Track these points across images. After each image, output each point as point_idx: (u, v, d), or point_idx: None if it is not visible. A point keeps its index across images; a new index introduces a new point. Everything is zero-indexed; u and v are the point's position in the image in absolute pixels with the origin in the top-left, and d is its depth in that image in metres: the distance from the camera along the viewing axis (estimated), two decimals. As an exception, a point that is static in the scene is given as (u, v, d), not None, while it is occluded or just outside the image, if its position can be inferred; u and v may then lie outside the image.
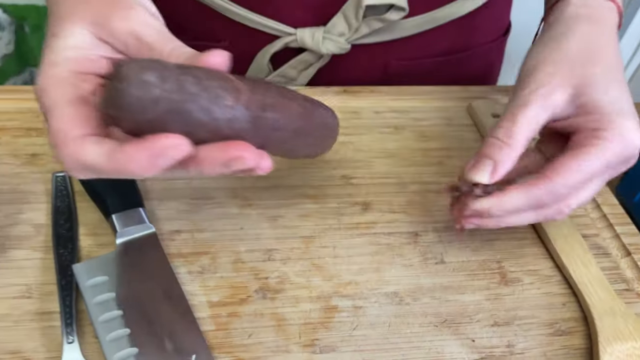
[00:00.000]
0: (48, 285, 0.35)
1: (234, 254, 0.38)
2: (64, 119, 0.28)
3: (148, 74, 0.25)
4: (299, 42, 0.50)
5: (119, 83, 0.25)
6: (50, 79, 0.29)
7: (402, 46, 0.52)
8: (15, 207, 0.39)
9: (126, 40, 0.30)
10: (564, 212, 0.35)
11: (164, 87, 0.25)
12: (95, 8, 0.31)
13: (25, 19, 1.09)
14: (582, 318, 0.37)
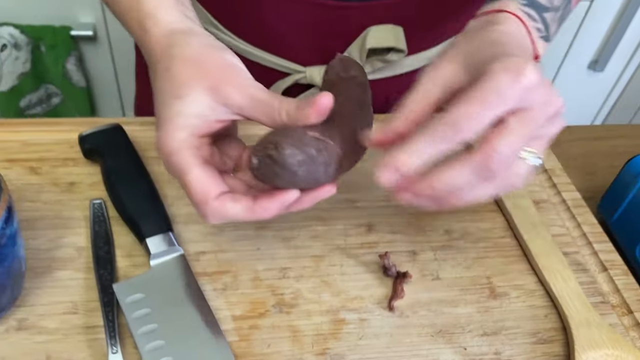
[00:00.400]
0: (92, 302, 0.40)
1: (253, 272, 0.43)
2: (202, 181, 0.35)
3: (297, 152, 0.33)
4: (308, 79, 0.55)
5: (280, 157, 0.33)
6: (180, 143, 0.35)
7: (402, 80, 0.58)
8: (59, 232, 0.44)
9: (241, 103, 0.35)
10: (493, 156, 0.32)
11: (304, 159, 0.33)
12: (212, 73, 0.35)
13: (41, 38, 1.14)
14: (561, 328, 0.42)
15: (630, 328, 0.43)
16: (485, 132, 0.32)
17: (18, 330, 0.38)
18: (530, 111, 0.32)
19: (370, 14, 0.52)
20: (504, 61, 0.33)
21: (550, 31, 0.42)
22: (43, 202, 0.46)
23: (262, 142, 0.34)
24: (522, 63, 0.32)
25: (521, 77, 0.32)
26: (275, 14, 0.53)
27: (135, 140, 0.51)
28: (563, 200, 0.52)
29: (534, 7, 0.41)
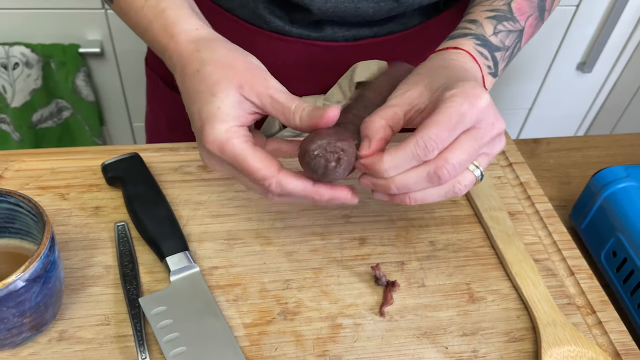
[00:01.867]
0: (121, 314, 0.46)
1: (260, 284, 0.49)
2: (262, 159, 0.40)
3: (334, 155, 0.40)
4: None
5: (314, 152, 0.40)
6: (229, 133, 0.40)
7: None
8: (88, 252, 0.50)
9: (263, 100, 0.41)
10: (444, 166, 0.38)
11: (339, 161, 0.40)
12: (240, 74, 0.41)
13: (51, 56, 1.19)
14: (531, 328, 0.48)
15: (593, 326, 0.49)
16: None
17: (59, 340, 0.44)
18: (479, 130, 0.39)
19: (357, 51, 0.57)
20: (462, 86, 0.39)
21: (499, 68, 0.48)
22: (73, 225, 0.52)
23: (320, 141, 0.40)
24: (477, 87, 0.39)
25: (478, 101, 0.38)
26: (269, 51, 0.58)
27: (150, 166, 0.57)
28: (536, 211, 0.57)
29: (487, 47, 0.48)
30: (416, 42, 0.60)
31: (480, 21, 0.49)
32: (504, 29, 0.49)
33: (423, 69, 0.45)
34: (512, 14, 0.50)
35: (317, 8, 0.53)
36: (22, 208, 0.42)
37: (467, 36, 0.48)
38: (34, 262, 0.38)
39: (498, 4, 0.50)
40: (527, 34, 0.51)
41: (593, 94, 1.55)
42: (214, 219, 0.54)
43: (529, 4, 0.51)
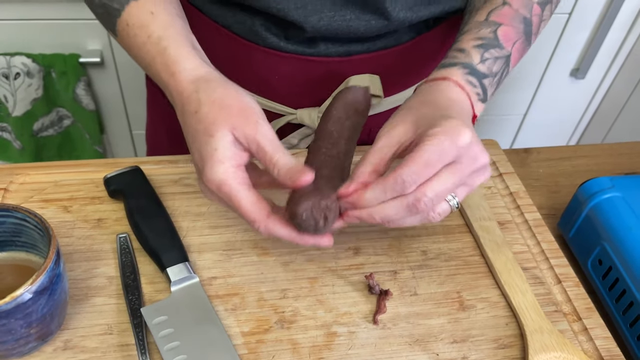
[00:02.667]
0: (124, 324, 0.48)
1: (258, 294, 0.51)
2: (253, 203, 0.43)
3: (321, 214, 0.44)
4: (298, 120, 0.62)
5: (303, 216, 0.43)
6: (225, 174, 0.43)
7: (383, 117, 0.65)
8: (92, 264, 0.52)
9: (251, 145, 0.43)
10: (421, 200, 0.40)
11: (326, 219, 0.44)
12: (234, 115, 0.44)
13: (52, 66, 1.21)
14: (519, 334, 0.50)
15: (579, 333, 0.51)
16: None
17: (64, 350, 0.46)
18: (459, 164, 0.41)
19: (351, 65, 0.59)
20: (444, 125, 0.41)
21: (488, 94, 0.51)
22: (76, 237, 0.54)
23: (306, 204, 0.43)
24: (459, 126, 0.41)
25: (459, 138, 0.41)
26: (265, 66, 0.60)
27: (151, 178, 0.59)
28: (525, 221, 0.59)
29: (475, 75, 0.50)
30: (407, 57, 0.62)
31: (468, 49, 0.51)
32: (491, 56, 0.51)
33: (411, 103, 0.48)
34: (498, 41, 0.52)
35: (310, 26, 0.55)
36: (29, 222, 0.44)
37: (456, 65, 0.50)
38: (40, 275, 0.40)
39: (485, 32, 0.52)
40: (514, 58, 0.53)
41: (587, 100, 1.57)
42: (212, 230, 0.56)
43: (515, 30, 0.53)
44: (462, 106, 0.47)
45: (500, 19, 0.52)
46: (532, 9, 0.54)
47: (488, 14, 0.53)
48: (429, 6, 0.57)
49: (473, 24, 0.53)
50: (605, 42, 1.42)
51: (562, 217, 0.62)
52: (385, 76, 0.61)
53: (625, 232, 0.53)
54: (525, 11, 0.53)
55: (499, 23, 0.52)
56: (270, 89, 0.62)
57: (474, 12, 0.55)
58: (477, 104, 0.49)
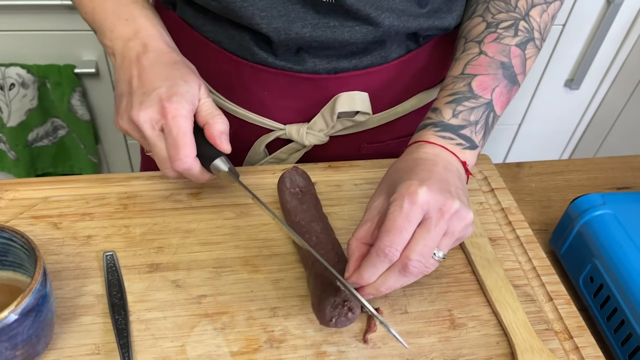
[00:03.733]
0: (110, 344, 0.47)
1: (247, 312, 0.50)
2: (192, 145, 0.50)
3: (340, 309, 0.47)
4: (287, 135, 0.62)
5: (336, 323, 0.47)
6: (188, 112, 0.50)
7: (371, 133, 0.65)
8: (80, 282, 0.51)
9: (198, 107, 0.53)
10: (408, 264, 0.43)
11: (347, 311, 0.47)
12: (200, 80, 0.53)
13: (47, 77, 1.21)
14: (510, 353, 0.49)
15: (570, 352, 0.50)
16: None
17: (51, 370, 0.45)
18: (430, 220, 0.44)
19: (339, 83, 0.59)
20: (399, 189, 0.44)
21: (475, 140, 0.52)
22: (65, 254, 0.53)
23: (329, 313, 0.46)
24: (412, 185, 0.44)
25: (415, 197, 0.43)
26: (256, 82, 0.60)
27: (142, 194, 0.59)
28: (517, 237, 0.59)
29: (448, 130, 0.52)
30: (396, 75, 0.62)
31: (440, 108, 0.53)
32: (465, 108, 0.52)
33: (387, 175, 0.51)
34: (472, 93, 0.53)
35: (294, 33, 0.55)
36: (15, 242, 0.44)
37: (427, 127, 0.52)
38: (26, 297, 0.39)
39: (458, 86, 0.53)
40: (499, 102, 0.54)
41: (581, 110, 1.58)
42: (202, 246, 0.55)
43: (491, 77, 0.53)
44: (433, 159, 0.49)
45: (475, 69, 0.54)
46: (510, 52, 0.55)
47: (464, 67, 0.55)
48: (418, 18, 0.57)
49: (449, 79, 0.55)
50: (599, 53, 1.42)
51: (554, 233, 0.62)
52: (374, 94, 0.61)
53: (616, 249, 0.53)
54: (502, 56, 0.54)
55: (473, 75, 0.54)
56: (260, 104, 0.62)
57: (453, 63, 0.57)
58: (464, 152, 0.51)
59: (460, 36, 0.59)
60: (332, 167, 0.65)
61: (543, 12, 0.57)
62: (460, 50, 0.57)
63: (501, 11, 0.57)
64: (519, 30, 0.56)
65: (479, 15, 0.58)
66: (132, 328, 0.48)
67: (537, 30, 0.57)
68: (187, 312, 0.50)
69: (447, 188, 0.45)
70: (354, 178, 0.64)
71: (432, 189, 0.44)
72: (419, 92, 0.65)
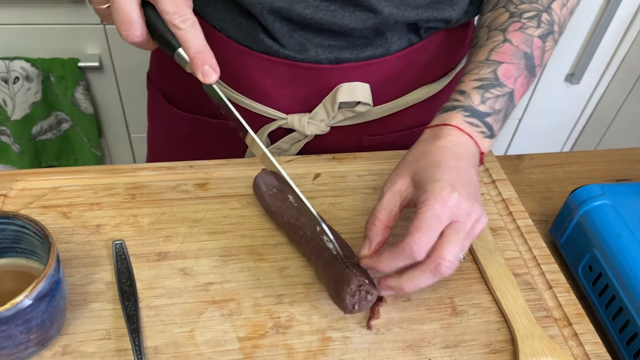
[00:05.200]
0: (121, 329, 0.48)
1: (254, 299, 0.52)
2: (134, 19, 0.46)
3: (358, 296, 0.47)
4: (289, 125, 0.64)
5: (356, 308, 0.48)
6: None
7: (372, 125, 0.66)
8: (90, 269, 0.52)
9: None
10: (442, 264, 0.44)
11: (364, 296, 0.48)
12: None
13: (51, 70, 1.22)
14: (510, 340, 0.51)
15: (569, 338, 0.51)
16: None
17: (63, 355, 0.46)
18: (459, 222, 0.45)
19: (341, 73, 0.61)
20: (432, 189, 0.45)
21: (494, 129, 0.53)
22: (75, 243, 0.54)
23: (348, 300, 0.47)
24: (445, 188, 0.45)
25: (447, 201, 0.45)
26: (259, 71, 0.62)
27: (149, 184, 0.60)
28: (517, 227, 0.60)
29: (476, 116, 0.52)
30: (396, 67, 0.63)
31: (468, 92, 0.53)
32: (492, 95, 0.53)
33: (410, 156, 0.51)
34: (498, 80, 0.53)
35: (296, 14, 0.56)
36: (29, 230, 0.45)
37: (456, 109, 0.52)
38: (40, 282, 0.41)
39: (485, 71, 0.54)
40: (518, 92, 0.55)
41: (581, 105, 1.59)
42: (209, 236, 0.56)
43: (516, 66, 0.54)
44: (459, 151, 0.49)
45: (501, 57, 0.54)
46: (533, 43, 0.55)
47: (489, 53, 0.55)
48: (417, 9, 0.58)
49: (474, 64, 0.55)
50: (599, 47, 1.43)
51: (554, 223, 0.63)
52: (375, 86, 0.62)
53: (614, 239, 0.54)
54: (525, 46, 0.54)
55: (499, 62, 0.54)
56: (263, 93, 0.63)
57: (477, 49, 0.56)
58: (484, 141, 0.52)
59: (483, 25, 0.59)
60: (336, 159, 0.66)
61: (563, 5, 0.58)
62: (484, 38, 0.57)
63: (524, 2, 0.57)
64: (541, 22, 0.56)
65: (502, 6, 0.58)
66: (141, 314, 0.49)
67: (557, 24, 0.57)
68: (195, 299, 0.51)
69: (473, 192, 0.47)
70: (357, 169, 0.65)
71: (462, 194, 0.45)
72: (420, 87, 0.66)
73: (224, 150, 0.67)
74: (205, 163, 0.64)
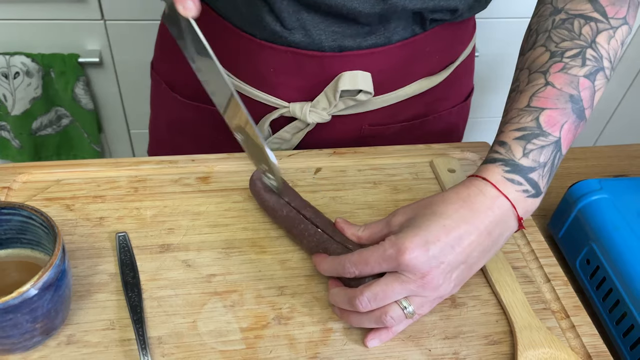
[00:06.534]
0: (125, 320, 0.49)
1: (256, 291, 0.52)
2: None
3: None
4: (291, 113, 0.64)
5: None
6: None
7: (373, 115, 0.67)
8: (94, 261, 0.53)
9: None
10: (359, 300, 0.45)
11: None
12: None
13: (51, 66, 1.22)
14: (509, 331, 0.51)
15: (567, 330, 0.52)
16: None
17: (67, 344, 0.47)
18: (404, 276, 0.45)
19: (343, 61, 0.61)
20: (406, 234, 0.45)
21: (541, 187, 0.48)
22: (79, 235, 0.55)
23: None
24: (414, 241, 0.44)
25: (404, 253, 0.44)
26: (262, 59, 0.62)
27: (151, 178, 0.60)
28: (516, 221, 0.61)
29: (518, 172, 0.47)
30: (399, 56, 0.63)
31: (509, 143, 0.48)
32: (535, 147, 0.48)
33: (430, 197, 0.49)
34: (541, 129, 0.48)
35: None
36: (34, 220, 0.45)
37: (496, 162, 0.48)
38: (46, 272, 0.41)
39: (526, 119, 0.49)
40: (566, 140, 0.49)
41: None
42: (212, 228, 0.57)
43: (560, 112, 0.49)
44: (477, 214, 0.46)
45: (543, 102, 0.49)
46: (579, 84, 0.49)
47: (530, 99, 0.50)
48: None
49: (514, 112, 0.50)
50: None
51: (552, 218, 0.63)
52: (377, 75, 0.63)
53: (612, 232, 0.55)
54: (570, 89, 0.49)
55: (541, 108, 0.49)
56: (265, 81, 0.64)
57: (517, 95, 0.52)
58: (526, 202, 0.47)
59: (523, 68, 0.54)
60: (336, 154, 0.66)
61: (610, 38, 0.51)
62: (524, 82, 0.52)
63: (565, 39, 0.52)
64: (586, 59, 0.50)
65: (541, 45, 0.53)
66: (145, 305, 0.50)
67: (607, 59, 0.51)
68: (197, 290, 0.51)
69: (447, 259, 0.45)
70: (358, 164, 0.66)
71: (425, 255, 0.44)
72: (421, 78, 0.67)
73: (227, 139, 0.68)
74: (207, 157, 0.64)
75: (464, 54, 0.71)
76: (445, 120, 0.73)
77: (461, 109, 0.76)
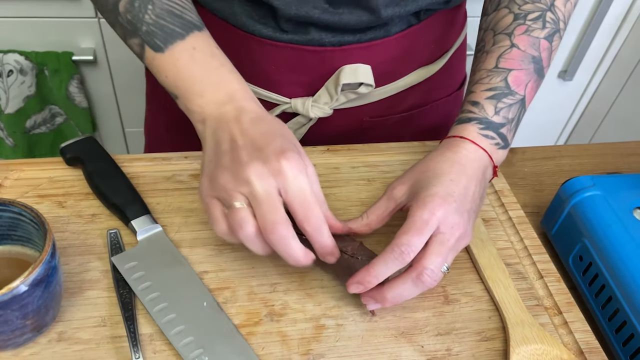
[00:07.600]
0: (116, 317, 0.49)
1: (248, 288, 0.52)
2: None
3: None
4: (293, 109, 0.64)
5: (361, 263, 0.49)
6: (310, 167, 0.48)
7: (373, 107, 0.67)
8: (86, 258, 0.53)
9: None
10: (424, 272, 0.45)
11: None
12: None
13: (45, 64, 1.22)
14: (502, 327, 0.51)
15: (559, 326, 0.52)
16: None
17: (58, 341, 0.47)
18: (443, 234, 0.47)
19: (344, 55, 0.61)
20: (425, 198, 0.47)
21: (509, 139, 0.54)
22: (71, 232, 0.55)
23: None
24: (435, 200, 0.47)
25: (435, 210, 0.46)
26: (262, 55, 0.62)
27: (144, 174, 0.60)
28: (509, 218, 0.61)
29: (491, 128, 0.53)
30: (398, 48, 0.64)
31: (482, 103, 0.53)
32: (504, 105, 0.53)
33: (418, 164, 0.52)
34: (509, 89, 0.53)
35: (304, 12, 0.57)
36: (25, 217, 0.45)
37: (471, 121, 0.53)
38: (36, 268, 0.41)
39: (495, 80, 0.54)
40: (529, 97, 0.55)
41: (574, 101, 1.60)
42: (204, 225, 0.57)
43: (525, 72, 0.54)
44: (466, 165, 0.50)
45: (510, 64, 0.54)
46: (540, 46, 0.55)
47: (497, 60, 0.54)
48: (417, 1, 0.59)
49: (483, 72, 0.55)
50: (592, 44, 1.44)
51: (545, 214, 0.63)
52: (377, 67, 0.63)
53: (604, 229, 0.55)
54: (533, 50, 0.54)
55: (508, 69, 0.54)
56: (266, 78, 0.64)
57: (483, 55, 0.56)
58: (498, 153, 0.53)
59: (488, 28, 0.59)
60: (330, 151, 0.66)
61: (567, 1, 0.57)
62: (490, 43, 0.57)
63: (527, 2, 0.56)
64: (546, 22, 0.56)
65: (505, 6, 0.58)
66: (136, 302, 0.50)
67: (562, 21, 0.57)
68: (190, 287, 0.51)
69: (467, 208, 0.48)
70: (351, 161, 0.66)
71: (451, 207, 0.47)
72: (418, 68, 0.67)
73: None
74: (200, 154, 0.64)
75: (458, 42, 0.71)
76: (440, 110, 0.74)
77: (456, 96, 0.76)
